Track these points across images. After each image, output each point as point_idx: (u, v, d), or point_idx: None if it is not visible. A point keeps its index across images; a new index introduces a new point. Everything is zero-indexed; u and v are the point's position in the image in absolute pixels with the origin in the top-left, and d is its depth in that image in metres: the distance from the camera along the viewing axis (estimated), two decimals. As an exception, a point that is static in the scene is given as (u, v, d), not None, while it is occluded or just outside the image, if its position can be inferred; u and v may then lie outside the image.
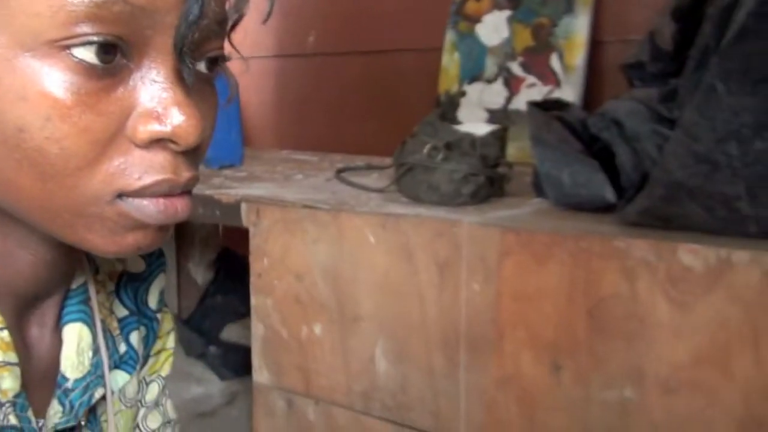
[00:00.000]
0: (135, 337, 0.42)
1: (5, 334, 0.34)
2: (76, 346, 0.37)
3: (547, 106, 0.96)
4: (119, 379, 0.41)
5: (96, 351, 0.39)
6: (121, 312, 0.43)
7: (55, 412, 0.37)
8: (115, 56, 0.29)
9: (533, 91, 1.30)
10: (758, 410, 0.64)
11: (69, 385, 0.37)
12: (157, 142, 0.30)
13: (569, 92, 1.26)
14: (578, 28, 1.28)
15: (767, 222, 0.63)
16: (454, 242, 0.80)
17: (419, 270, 0.83)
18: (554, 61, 1.30)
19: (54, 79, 0.28)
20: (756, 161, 0.59)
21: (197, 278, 1.78)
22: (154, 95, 0.30)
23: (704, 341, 0.66)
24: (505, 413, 0.79)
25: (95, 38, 0.28)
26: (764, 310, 0.63)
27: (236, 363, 1.56)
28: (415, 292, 0.83)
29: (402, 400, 0.87)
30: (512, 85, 1.34)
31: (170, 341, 0.48)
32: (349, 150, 1.46)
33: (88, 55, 0.28)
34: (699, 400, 0.67)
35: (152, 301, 0.44)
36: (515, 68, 1.34)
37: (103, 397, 0.40)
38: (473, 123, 1.04)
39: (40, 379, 0.37)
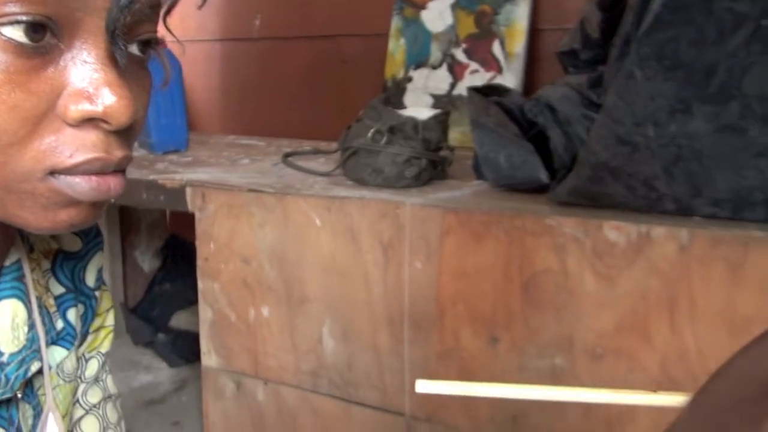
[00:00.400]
0: (72, 314, 0.43)
1: None
2: (10, 322, 0.38)
3: (488, 92, 1.00)
4: (57, 354, 0.42)
5: (32, 326, 0.39)
6: (58, 289, 0.43)
7: None
8: (45, 36, 0.29)
9: (476, 77, 1.34)
10: (673, 372, 0.69)
11: (4, 359, 0.38)
12: (89, 121, 0.31)
13: (510, 78, 1.30)
14: (519, 16, 1.32)
15: (682, 199, 0.68)
16: (398, 223, 0.83)
17: (364, 251, 0.85)
18: (496, 48, 1.34)
19: None
20: (671, 143, 0.63)
21: (144, 266, 1.76)
22: (85, 76, 0.30)
23: (626, 311, 0.71)
24: (447, 385, 0.83)
25: (23, 17, 0.28)
26: (679, 280, 0.68)
27: (186, 350, 1.56)
28: (360, 272, 0.86)
29: (349, 377, 0.89)
30: (456, 71, 1.37)
31: (110, 319, 0.48)
32: (297, 135, 1.47)
33: (16, 33, 0.28)
34: (622, 364, 0.72)
35: (90, 279, 0.45)
36: (459, 54, 1.37)
37: (40, 371, 0.40)
38: (416, 108, 1.07)
39: None
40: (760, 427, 0.19)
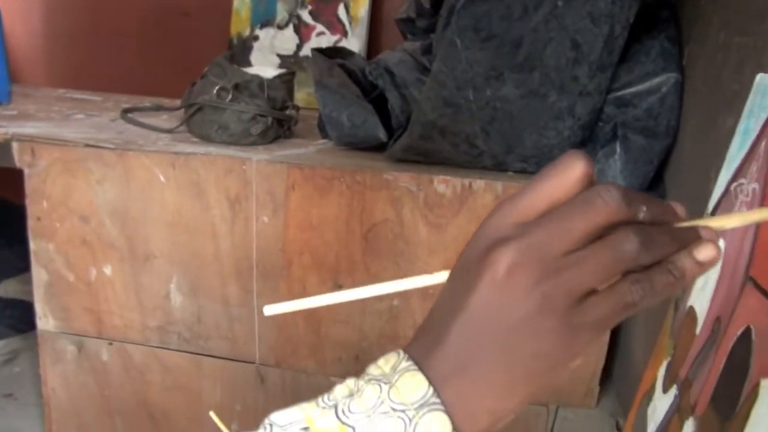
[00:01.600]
0: None
1: None
2: None
3: (332, 54, 1.04)
4: None
5: None
6: None
7: None
8: None
9: (322, 39, 1.37)
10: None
11: None
12: None
13: (355, 42, 1.35)
14: (362, -19, 1.36)
15: (498, 156, 0.78)
16: (244, 178, 0.85)
17: (211, 206, 0.86)
18: (341, 11, 1.38)
19: None
20: (487, 105, 0.72)
21: (-40, 232, 1.59)
22: None
23: (452, 256, 0.81)
24: (295, 330, 0.88)
25: None
26: (495, 226, 0.79)
27: (16, 319, 1.45)
28: (207, 227, 0.87)
29: (198, 330, 0.91)
30: (302, 32, 1.39)
31: None
32: (136, 91, 1.40)
33: None
34: (448, 302, 0.81)
35: None
36: (305, 16, 1.39)
37: None
38: (262, 67, 1.08)
39: None
40: (476, 286, 0.28)
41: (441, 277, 0.31)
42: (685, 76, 0.80)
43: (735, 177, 0.45)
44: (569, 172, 0.28)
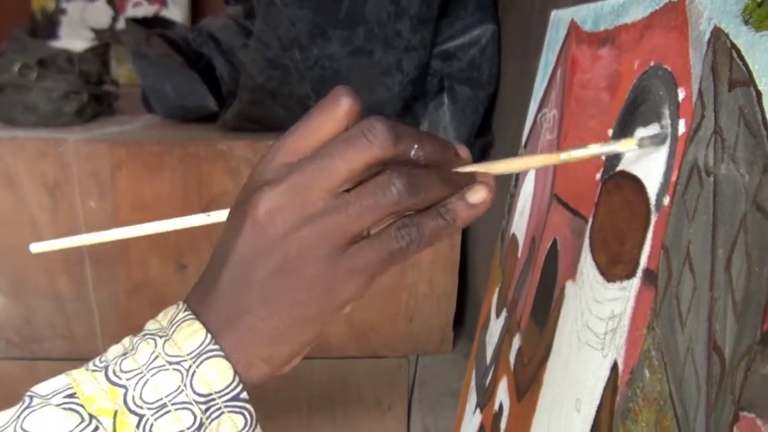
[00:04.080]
0: None
1: None
2: None
3: (149, 23, 0.97)
4: None
5: None
6: None
7: None
8: None
9: (140, 10, 1.28)
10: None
11: None
12: None
13: (177, 12, 1.27)
14: (178, -54, 1.28)
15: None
16: (62, 162, 0.78)
17: (26, 195, 0.78)
18: (159, -20, 1.30)
19: None
20: (315, 65, 0.72)
21: None
22: None
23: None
24: (140, 318, 0.82)
25: None
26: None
27: None
28: (24, 218, 0.79)
29: (29, 333, 0.83)
30: (117, 3, 1.29)
31: None
32: None
33: None
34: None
35: None
36: (119, -15, 1.29)
37: None
38: (70, 40, 0.99)
39: None
40: (241, 231, 0.27)
41: (220, 216, 0.30)
42: (501, 26, 0.84)
43: (540, 107, 0.48)
44: (333, 109, 0.26)
